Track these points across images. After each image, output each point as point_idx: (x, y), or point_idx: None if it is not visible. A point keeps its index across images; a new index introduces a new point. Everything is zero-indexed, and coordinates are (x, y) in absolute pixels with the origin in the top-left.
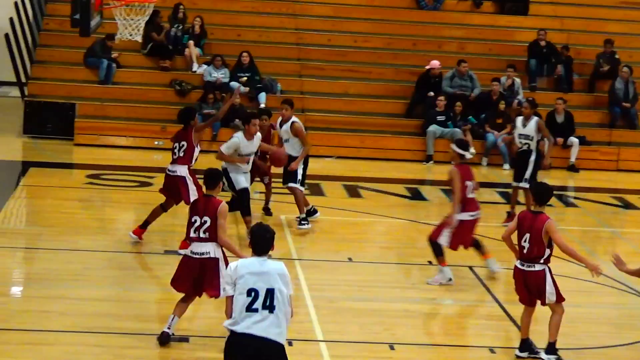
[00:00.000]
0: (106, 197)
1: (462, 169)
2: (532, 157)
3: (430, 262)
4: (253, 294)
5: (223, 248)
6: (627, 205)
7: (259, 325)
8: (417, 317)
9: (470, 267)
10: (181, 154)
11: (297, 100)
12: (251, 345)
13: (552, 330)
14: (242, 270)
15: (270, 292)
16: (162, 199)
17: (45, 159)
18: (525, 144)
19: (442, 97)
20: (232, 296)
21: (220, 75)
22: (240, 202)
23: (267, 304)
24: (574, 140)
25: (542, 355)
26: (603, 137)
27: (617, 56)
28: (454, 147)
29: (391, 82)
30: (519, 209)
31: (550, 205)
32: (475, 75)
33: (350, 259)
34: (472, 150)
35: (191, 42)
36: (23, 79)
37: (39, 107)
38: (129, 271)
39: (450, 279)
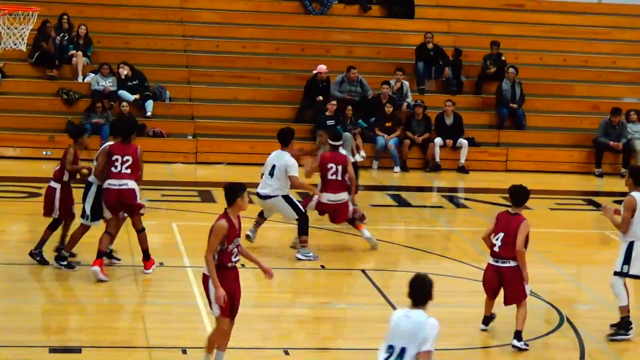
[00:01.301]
0: None
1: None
2: None
3: (322, 267)
4: (391, 350)
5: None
6: None
7: None
8: (311, 322)
9: (363, 271)
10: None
11: (186, 107)
12: None
13: (520, 320)
14: (392, 323)
15: (402, 352)
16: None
17: None
18: None
19: (334, 102)
20: None
21: (108, 83)
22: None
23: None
24: (463, 141)
25: (514, 342)
26: (491, 138)
27: (503, 58)
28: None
29: (280, 87)
30: None
31: (440, 207)
32: (365, 80)
33: (243, 265)
34: (363, 153)
35: (80, 53)
36: None
37: None
38: (18, 283)
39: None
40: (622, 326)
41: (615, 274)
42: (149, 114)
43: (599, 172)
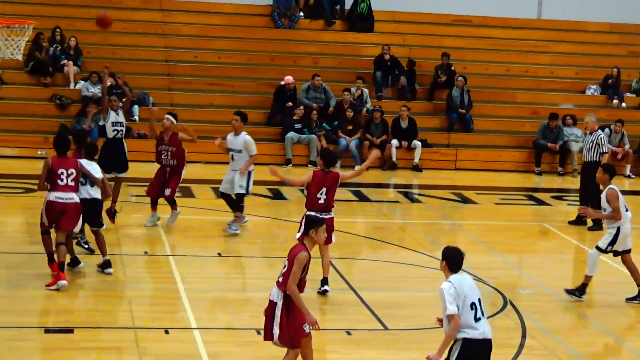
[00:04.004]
0: None
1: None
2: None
3: None
4: (474, 306)
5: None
6: (465, 200)
7: (487, 330)
8: None
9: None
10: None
11: (166, 112)
12: (485, 345)
13: (327, 268)
14: (461, 290)
15: (479, 301)
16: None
17: None
18: (120, 130)
19: (302, 107)
20: (458, 315)
21: (97, 90)
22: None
23: (482, 310)
24: (417, 143)
25: (326, 287)
26: (442, 140)
27: (452, 68)
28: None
29: (252, 94)
30: None
31: (397, 202)
32: (328, 87)
33: (219, 254)
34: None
35: (71, 62)
36: None
37: None
38: (16, 270)
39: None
40: (580, 289)
41: (598, 248)
42: (134, 117)
43: (538, 170)
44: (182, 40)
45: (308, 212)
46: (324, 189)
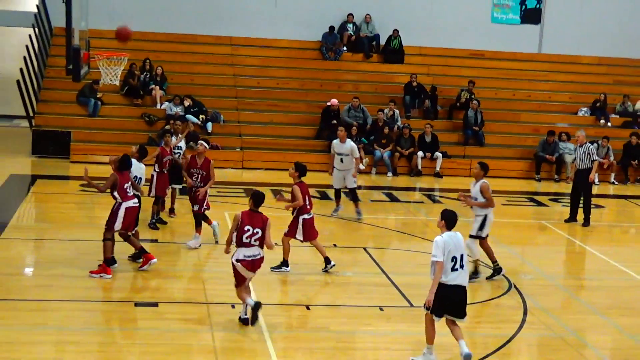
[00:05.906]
0: (95, 201)
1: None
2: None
3: (335, 245)
4: (454, 259)
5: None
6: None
7: (460, 278)
8: (325, 285)
9: (364, 248)
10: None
11: (235, 128)
12: (457, 291)
13: (323, 251)
14: (447, 244)
15: (462, 256)
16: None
17: (49, 173)
18: (179, 153)
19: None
20: (442, 262)
21: (178, 109)
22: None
23: (461, 264)
24: (438, 154)
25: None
26: (459, 152)
27: (473, 95)
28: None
29: (304, 113)
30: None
31: (421, 202)
32: (365, 108)
33: (276, 244)
34: (367, 160)
35: (157, 87)
36: (31, 114)
37: (43, 135)
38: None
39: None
40: (495, 270)
41: (471, 237)
42: (209, 131)
43: (538, 177)
44: (248, 70)
45: (302, 216)
46: (307, 197)
